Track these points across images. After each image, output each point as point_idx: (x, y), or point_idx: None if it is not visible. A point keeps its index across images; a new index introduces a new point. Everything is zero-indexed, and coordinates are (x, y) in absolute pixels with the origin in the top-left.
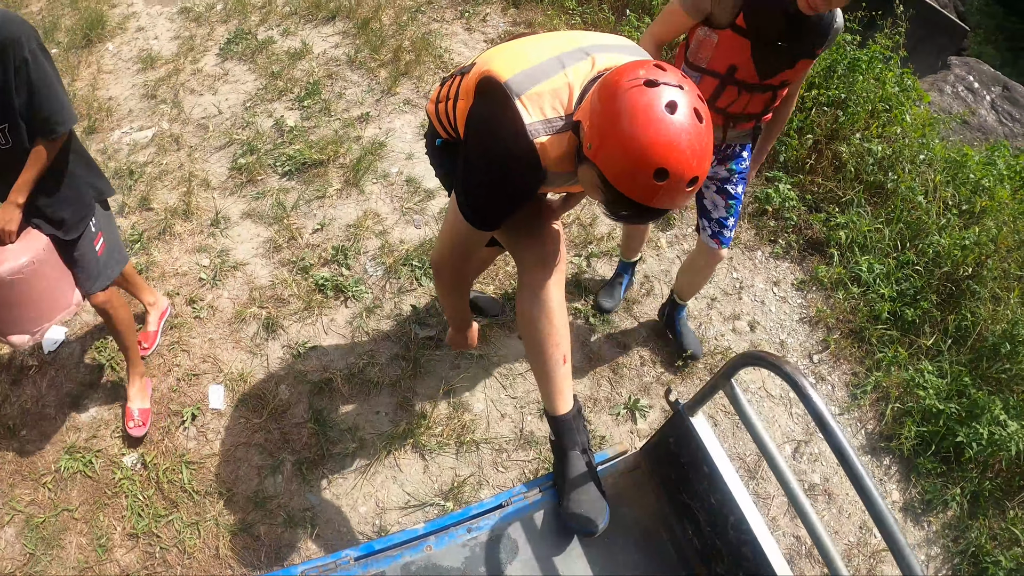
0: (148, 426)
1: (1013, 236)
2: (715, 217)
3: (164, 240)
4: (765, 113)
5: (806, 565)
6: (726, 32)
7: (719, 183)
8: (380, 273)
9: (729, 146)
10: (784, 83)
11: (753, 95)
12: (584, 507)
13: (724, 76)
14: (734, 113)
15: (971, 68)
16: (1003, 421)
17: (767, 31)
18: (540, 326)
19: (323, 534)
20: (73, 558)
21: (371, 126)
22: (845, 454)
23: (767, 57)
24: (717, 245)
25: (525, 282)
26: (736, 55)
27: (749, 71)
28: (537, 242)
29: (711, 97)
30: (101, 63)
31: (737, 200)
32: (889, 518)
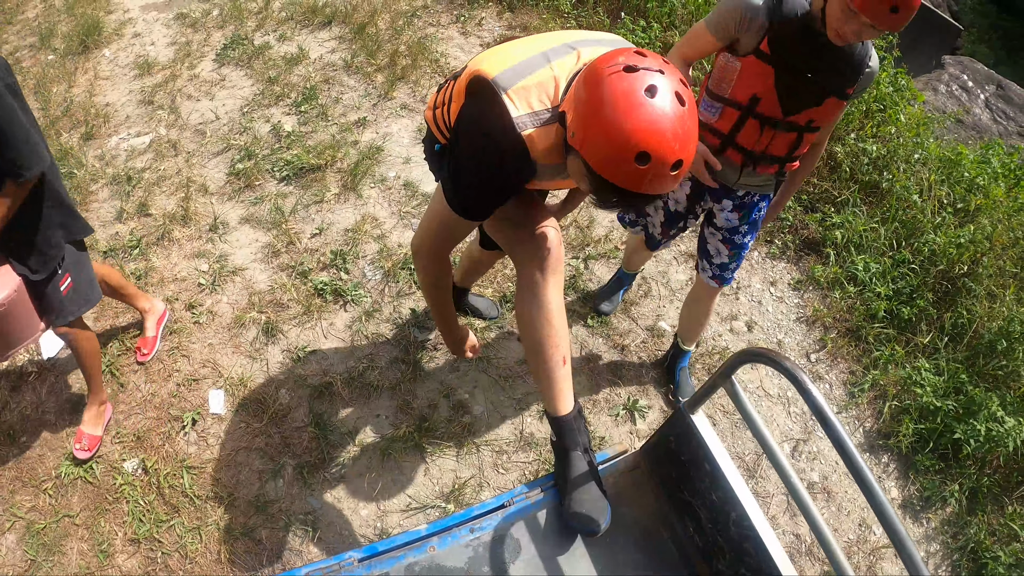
0: (94, 453)
1: (1008, 234)
2: (716, 263)
3: (163, 246)
4: (789, 159)
5: (806, 563)
6: (749, 59)
7: (727, 232)
8: (379, 277)
9: (748, 194)
10: (810, 123)
11: (776, 133)
12: (586, 507)
13: (746, 108)
14: (755, 152)
15: (965, 67)
16: (1000, 417)
17: (793, 59)
18: (539, 327)
19: (325, 537)
20: (74, 564)
21: (368, 131)
22: (845, 447)
23: (792, 89)
24: (717, 285)
25: (524, 284)
26: (759, 84)
27: (772, 104)
28: (535, 245)
29: (731, 132)
30: (98, 69)
31: (743, 248)
32: (889, 510)
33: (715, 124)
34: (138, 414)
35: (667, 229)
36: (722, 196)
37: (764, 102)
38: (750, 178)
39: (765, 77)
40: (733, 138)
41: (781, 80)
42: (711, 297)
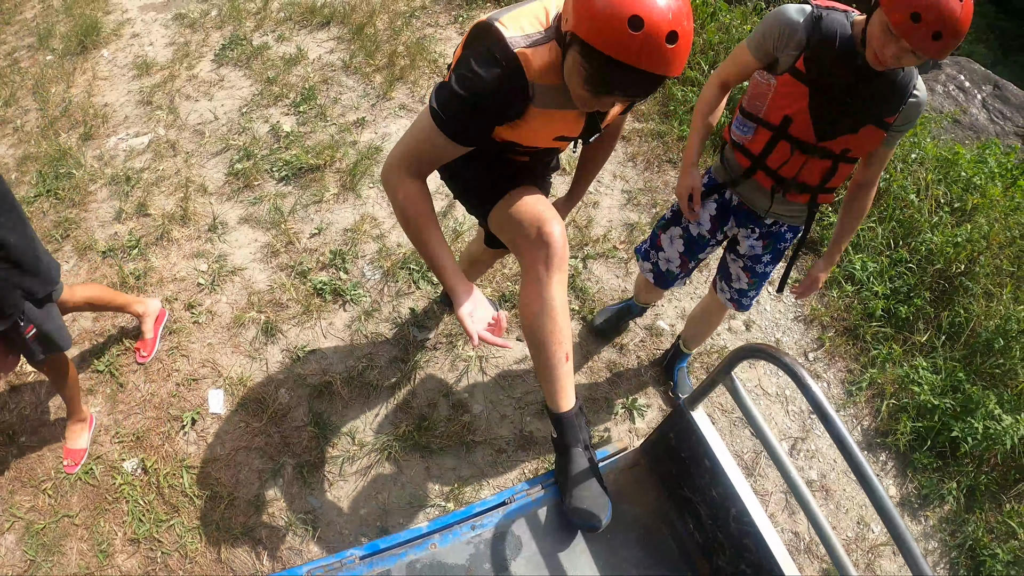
0: (80, 465)
1: (1005, 233)
2: (736, 287)
3: (162, 246)
4: (822, 189)
5: (804, 561)
6: (784, 77)
7: (749, 260)
8: (378, 277)
9: (776, 223)
10: (846, 152)
11: (809, 159)
12: (587, 503)
13: (777, 129)
14: (785, 177)
15: (962, 67)
16: (997, 416)
17: (829, 80)
18: (543, 325)
19: (325, 536)
20: (74, 564)
21: (367, 131)
22: (845, 443)
23: (827, 112)
24: (735, 308)
25: (529, 281)
26: (792, 105)
27: (805, 126)
28: (541, 242)
29: (761, 153)
30: (96, 69)
31: (765, 277)
32: (889, 505)
33: (747, 144)
34: (137, 414)
35: (687, 260)
36: (749, 222)
37: (796, 124)
38: (781, 206)
39: (799, 97)
40: (763, 160)
41: (815, 102)
42: (722, 312)
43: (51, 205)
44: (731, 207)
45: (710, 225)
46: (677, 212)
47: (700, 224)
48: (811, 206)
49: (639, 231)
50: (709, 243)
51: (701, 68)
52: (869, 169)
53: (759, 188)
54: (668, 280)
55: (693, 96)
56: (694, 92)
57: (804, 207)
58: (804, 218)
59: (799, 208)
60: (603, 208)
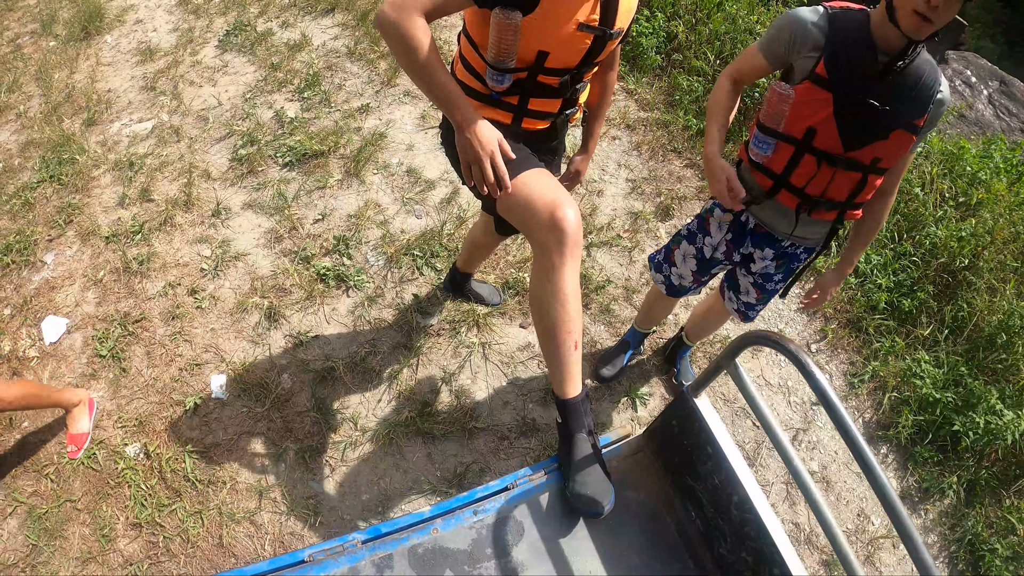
0: (83, 449)
1: (1009, 228)
2: (744, 300)
3: (165, 231)
4: (851, 204)
5: (805, 552)
6: (805, 85)
7: (760, 278)
8: (381, 263)
9: (792, 244)
10: (876, 162)
11: (836, 172)
12: (590, 488)
13: (801, 143)
14: (812, 196)
15: (969, 62)
16: (999, 410)
17: (853, 83)
18: (553, 312)
19: (327, 521)
20: (76, 549)
21: (371, 117)
22: (848, 430)
23: (853, 119)
24: (740, 319)
25: (540, 267)
26: (816, 114)
27: (831, 137)
28: (553, 226)
29: (784, 171)
30: (100, 55)
31: (772, 294)
32: (892, 493)
33: (767, 163)
34: (140, 399)
35: (699, 277)
36: (765, 244)
37: (821, 135)
38: (804, 227)
39: (822, 105)
40: (787, 178)
41: (840, 108)
42: (726, 317)
43: (54, 191)
44: (747, 230)
45: (725, 247)
46: (693, 232)
47: (715, 248)
48: (834, 224)
49: (643, 220)
50: (723, 263)
51: (707, 58)
52: (891, 177)
53: (781, 209)
54: (680, 292)
55: (699, 86)
56: (699, 82)
57: (826, 226)
58: (821, 239)
59: (821, 228)
60: (607, 196)
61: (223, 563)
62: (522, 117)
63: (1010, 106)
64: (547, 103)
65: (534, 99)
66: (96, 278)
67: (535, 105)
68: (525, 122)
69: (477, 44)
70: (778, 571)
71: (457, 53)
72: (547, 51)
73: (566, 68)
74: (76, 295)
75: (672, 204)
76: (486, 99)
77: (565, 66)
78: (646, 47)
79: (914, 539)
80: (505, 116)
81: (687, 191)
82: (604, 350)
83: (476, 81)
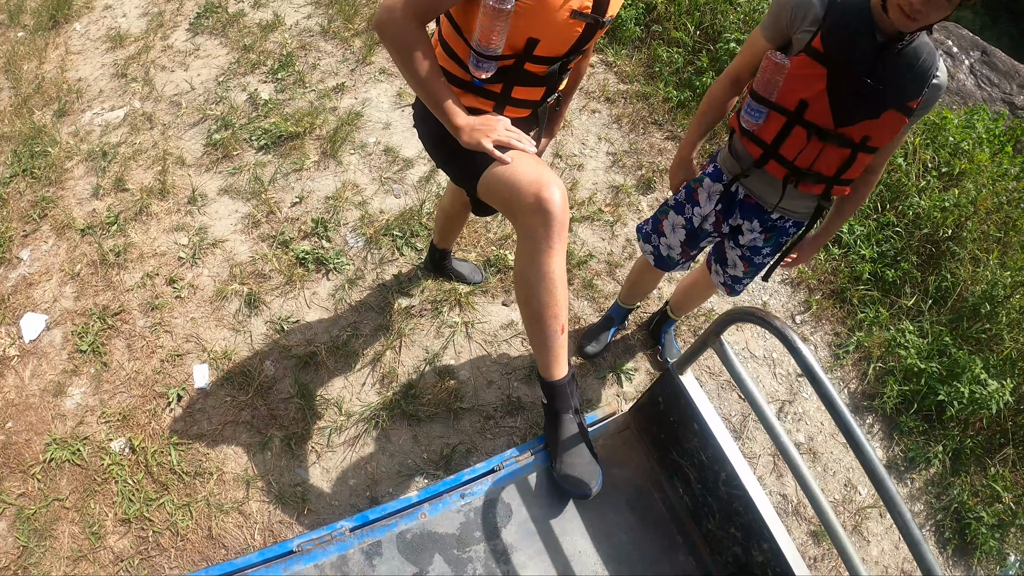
0: None
1: (992, 198)
2: (731, 273)
3: (141, 220)
4: (838, 180)
5: (792, 523)
6: (801, 57)
7: (748, 251)
8: (361, 244)
9: (781, 218)
10: (866, 141)
11: (826, 146)
12: (577, 470)
13: (792, 114)
14: (801, 168)
15: (950, 32)
16: (983, 380)
17: (848, 59)
18: (540, 297)
19: (315, 508)
20: (67, 548)
21: (347, 96)
22: (834, 403)
23: (846, 95)
24: (727, 292)
25: (525, 251)
26: (809, 87)
27: (822, 111)
28: (539, 207)
29: (775, 141)
30: (69, 44)
31: (759, 268)
32: (878, 464)
33: (758, 132)
34: (123, 393)
35: (688, 249)
36: (754, 216)
37: (813, 108)
38: (791, 199)
39: (816, 79)
40: (776, 149)
41: (834, 84)
42: (711, 291)
43: (27, 185)
44: (737, 201)
45: (714, 218)
46: (680, 202)
47: (704, 219)
48: (822, 199)
49: (624, 193)
50: (711, 234)
51: (687, 29)
52: (880, 156)
53: (770, 179)
54: (668, 264)
55: (679, 57)
56: (679, 53)
57: (814, 200)
58: (810, 213)
59: (809, 201)
60: (588, 171)
61: (213, 554)
62: (504, 105)
63: (992, 76)
64: (530, 91)
65: (518, 87)
66: (73, 272)
67: (518, 93)
68: (507, 111)
69: (461, 28)
70: (767, 546)
71: (436, 36)
72: (538, 39)
73: (555, 56)
74: (54, 290)
75: (653, 177)
76: (467, 86)
77: (554, 54)
78: (625, 19)
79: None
80: (486, 104)
81: (668, 163)
82: (588, 327)
83: (457, 67)
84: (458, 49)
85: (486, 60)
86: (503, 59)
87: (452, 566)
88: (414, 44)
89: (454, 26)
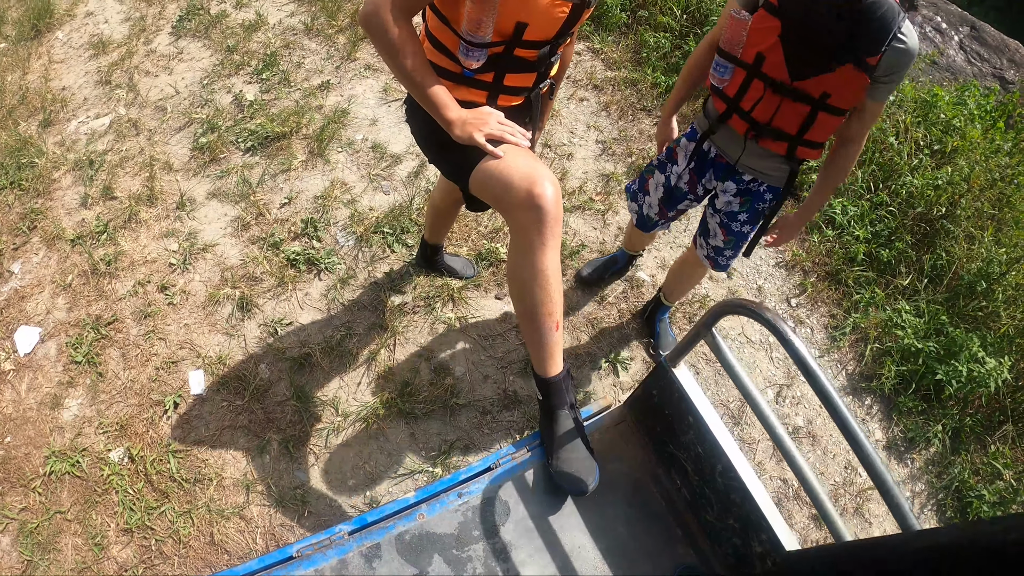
0: None
1: (985, 175)
2: (712, 244)
3: (130, 228)
4: (801, 140)
5: (794, 507)
6: (759, 12)
7: (726, 217)
8: (352, 243)
9: (754, 180)
10: (825, 97)
11: (783, 101)
12: (574, 466)
13: (751, 67)
14: (759, 120)
15: (938, 8)
16: (981, 358)
17: (801, 11)
18: (534, 294)
19: (315, 510)
20: (70, 560)
21: (333, 94)
22: (828, 396)
23: (799, 48)
24: (711, 266)
25: (519, 247)
26: (765, 40)
27: (778, 63)
28: (531, 203)
29: (736, 95)
30: (52, 53)
31: (741, 238)
32: (875, 457)
33: (725, 88)
34: (119, 402)
35: (665, 209)
36: (726, 176)
37: (769, 61)
38: (754, 157)
39: (771, 32)
40: (738, 103)
41: (787, 36)
42: (702, 269)
43: (16, 197)
44: (709, 159)
45: (688, 177)
46: (663, 162)
47: (679, 177)
48: (791, 163)
49: (615, 182)
50: (687, 196)
51: (673, 13)
52: (855, 124)
53: (732, 133)
54: (647, 225)
55: (666, 42)
56: (666, 38)
57: (782, 164)
58: (784, 179)
59: (776, 164)
60: (577, 159)
61: (216, 560)
62: (497, 95)
63: (982, 51)
64: (522, 78)
65: (510, 75)
66: (65, 283)
67: (511, 81)
68: (500, 99)
69: (448, 19)
70: (765, 536)
71: (423, 30)
72: (526, 22)
73: (544, 40)
74: (46, 302)
75: (643, 164)
76: (458, 78)
77: (543, 38)
78: (611, 4)
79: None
80: (479, 95)
81: None
82: (594, 259)
83: (447, 60)
84: (447, 41)
85: (476, 48)
86: (493, 46)
87: (451, 566)
88: (401, 38)
89: (440, 18)
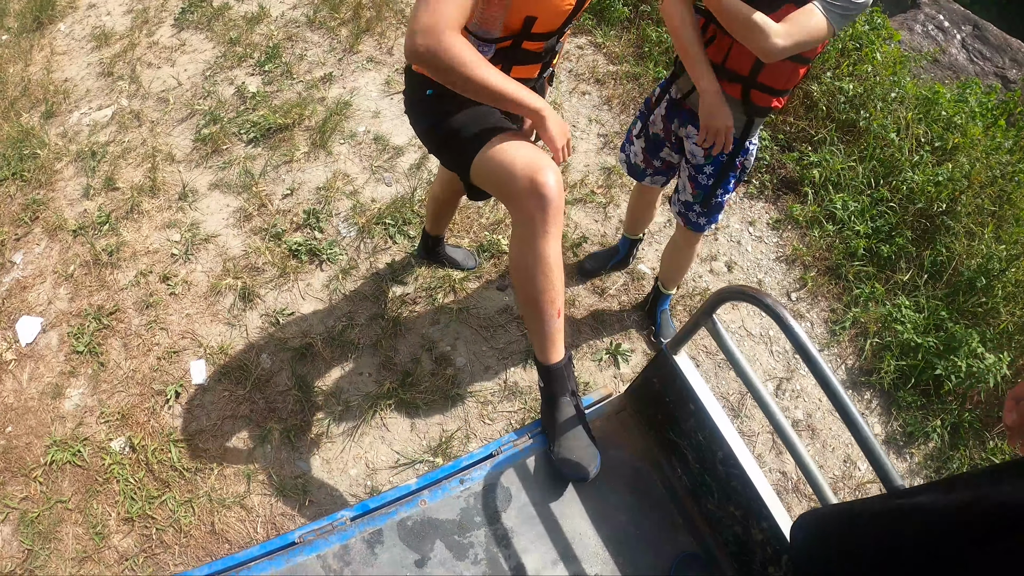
0: None
1: (986, 172)
2: (682, 199)
3: (132, 219)
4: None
5: (793, 500)
6: None
7: (693, 169)
8: (354, 234)
9: None
10: None
11: (734, 42)
12: (575, 453)
13: (705, 12)
14: (713, 62)
15: (941, 7)
16: (980, 354)
17: None
18: (536, 282)
19: (316, 499)
20: (71, 549)
21: (335, 86)
22: (829, 383)
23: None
24: (682, 223)
25: (521, 236)
26: None
27: None
28: (534, 192)
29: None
30: (54, 45)
31: (706, 192)
32: (875, 444)
33: None
34: (121, 392)
35: (648, 156)
36: (689, 122)
37: None
38: None
39: None
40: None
41: None
42: (691, 244)
43: (18, 188)
44: (675, 103)
45: (662, 124)
46: (643, 112)
47: (654, 123)
48: (747, 109)
49: (616, 175)
50: (664, 143)
51: None
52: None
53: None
54: (637, 173)
55: (668, 37)
56: (669, 32)
57: (738, 108)
58: (741, 127)
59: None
60: (579, 153)
61: (217, 549)
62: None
63: (984, 50)
64: (528, 69)
65: (517, 67)
66: (67, 273)
67: (517, 73)
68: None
69: None
70: (766, 524)
71: None
72: (535, 16)
73: (551, 31)
74: (48, 292)
75: None
76: None
77: (550, 29)
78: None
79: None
80: None
81: None
82: (596, 251)
83: None
84: None
85: (484, 44)
86: (501, 41)
87: (453, 552)
88: (469, 53)
89: None
